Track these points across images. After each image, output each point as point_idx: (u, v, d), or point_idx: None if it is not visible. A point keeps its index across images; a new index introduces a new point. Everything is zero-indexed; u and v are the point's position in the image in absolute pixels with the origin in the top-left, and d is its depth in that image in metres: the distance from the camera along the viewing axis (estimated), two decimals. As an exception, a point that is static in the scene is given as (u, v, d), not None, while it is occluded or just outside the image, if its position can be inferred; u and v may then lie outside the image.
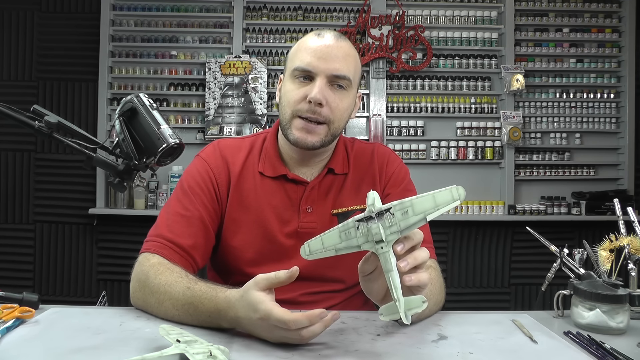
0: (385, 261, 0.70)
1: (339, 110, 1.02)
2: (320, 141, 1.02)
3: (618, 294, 0.87)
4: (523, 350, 0.78)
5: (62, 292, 3.15)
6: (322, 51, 1.00)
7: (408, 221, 0.69)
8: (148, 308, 0.91)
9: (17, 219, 3.16)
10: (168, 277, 0.89)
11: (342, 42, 1.03)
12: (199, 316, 0.83)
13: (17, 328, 0.81)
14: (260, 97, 3.10)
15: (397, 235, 0.70)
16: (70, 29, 3.14)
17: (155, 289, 0.88)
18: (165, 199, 3.03)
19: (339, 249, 0.73)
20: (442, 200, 0.69)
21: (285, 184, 1.08)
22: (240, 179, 1.08)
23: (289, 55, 1.07)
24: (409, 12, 3.24)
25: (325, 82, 1.00)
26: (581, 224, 3.15)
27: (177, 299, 0.85)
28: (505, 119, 3.18)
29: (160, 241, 0.98)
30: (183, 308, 0.84)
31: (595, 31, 3.31)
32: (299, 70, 1.01)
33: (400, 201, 0.70)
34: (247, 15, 3.21)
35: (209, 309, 0.81)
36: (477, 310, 1.03)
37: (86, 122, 3.12)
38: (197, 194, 1.04)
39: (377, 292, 0.79)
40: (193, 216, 1.02)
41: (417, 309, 0.70)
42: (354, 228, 0.71)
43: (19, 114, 0.83)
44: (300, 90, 1.01)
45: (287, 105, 1.03)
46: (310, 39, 1.03)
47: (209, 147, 1.12)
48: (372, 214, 0.70)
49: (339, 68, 1.00)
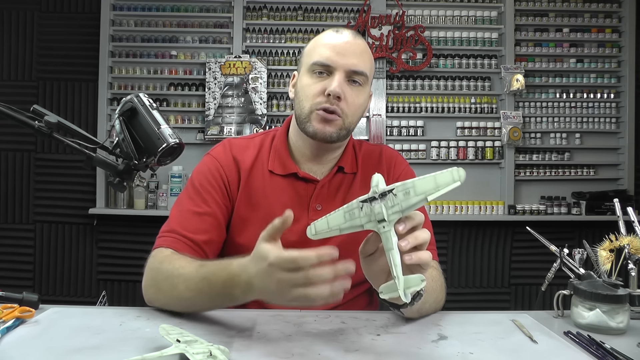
0: (387, 240, 0.71)
1: (354, 106, 1.04)
2: (336, 132, 1.03)
3: (618, 294, 0.87)
4: (523, 350, 0.78)
5: (62, 292, 3.15)
6: (341, 47, 1.02)
7: (410, 201, 0.70)
8: (160, 296, 0.91)
9: (17, 219, 3.16)
10: (182, 262, 0.90)
11: (359, 39, 1.06)
12: (213, 289, 0.82)
13: (17, 328, 0.81)
14: (260, 97, 3.10)
15: (399, 215, 0.71)
16: (70, 29, 3.14)
17: (168, 274, 0.89)
18: (165, 199, 3.03)
19: (343, 228, 0.75)
20: (442, 181, 0.70)
21: (296, 182, 1.09)
22: (250, 177, 1.09)
23: (305, 52, 1.08)
24: (409, 12, 3.24)
25: (344, 77, 1.02)
26: (581, 224, 3.15)
27: (190, 278, 0.85)
28: (505, 119, 3.18)
29: (173, 236, 0.99)
30: (197, 286, 0.84)
31: (595, 31, 3.30)
32: (318, 64, 1.02)
33: (402, 182, 0.71)
34: (247, 15, 3.21)
35: (223, 279, 0.80)
36: (477, 310, 1.03)
37: (86, 122, 3.12)
38: (209, 191, 1.05)
39: (378, 274, 0.79)
40: (206, 213, 1.03)
41: (415, 287, 0.71)
42: (357, 208, 0.73)
43: (19, 114, 0.83)
44: (319, 85, 1.02)
45: (305, 99, 1.04)
46: (329, 35, 1.05)
47: (219, 145, 1.13)
48: (375, 195, 0.72)
49: (357, 63, 1.02)
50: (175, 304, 0.89)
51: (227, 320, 0.88)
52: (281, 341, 0.79)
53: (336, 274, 0.70)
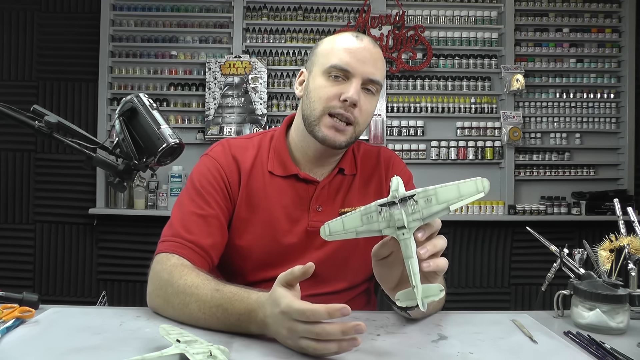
0: (406, 247, 0.70)
1: (367, 113, 1.04)
2: (346, 141, 1.03)
3: (618, 294, 0.87)
4: (523, 350, 0.78)
5: (62, 292, 3.15)
6: (361, 54, 1.01)
7: (431, 209, 0.70)
8: (168, 309, 0.88)
9: (17, 219, 3.16)
10: (194, 279, 0.87)
11: (377, 48, 1.05)
12: (228, 319, 0.80)
13: (17, 328, 0.81)
14: (260, 97, 3.10)
15: (419, 223, 0.70)
16: (70, 29, 3.14)
17: (180, 290, 0.86)
18: (165, 199, 3.03)
19: (359, 232, 0.73)
20: (466, 191, 0.70)
21: (296, 183, 1.08)
22: (250, 178, 1.07)
23: (321, 51, 1.06)
24: (409, 12, 3.24)
25: (360, 84, 1.01)
26: (581, 224, 3.15)
27: (204, 301, 0.82)
28: (505, 119, 3.18)
29: (179, 241, 0.97)
30: (210, 311, 0.81)
31: (595, 31, 3.30)
32: (337, 68, 1.01)
33: (424, 189, 0.70)
34: (247, 15, 3.21)
35: (239, 311, 0.79)
36: (477, 310, 1.03)
37: (86, 122, 3.12)
38: (211, 193, 1.04)
39: (392, 278, 0.79)
40: (209, 215, 1.01)
41: (434, 297, 0.71)
42: (376, 212, 0.72)
43: (19, 114, 0.83)
44: (335, 88, 1.01)
45: (318, 101, 1.02)
46: (349, 39, 1.04)
47: (218, 146, 1.11)
48: (395, 200, 0.71)
49: (374, 72, 1.02)
50: (185, 320, 0.86)
51: (227, 320, 0.88)
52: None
53: (345, 332, 0.69)
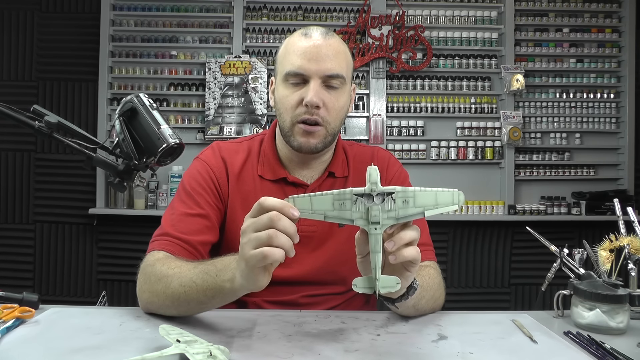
0: (376, 242, 0.70)
1: (335, 110, 1.01)
2: (321, 142, 1.02)
3: (618, 294, 0.87)
4: (523, 350, 0.78)
5: (62, 292, 3.15)
6: (312, 52, 0.98)
7: (407, 211, 0.69)
8: (155, 298, 0.88)
9: (17, 219, 3.16)
10: (177, 262, 0.88)
11: (330, 39, 1.01)
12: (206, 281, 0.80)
13: (17, 328, 0.81)
14: (260, 97, 3.10)
15: (393, 222, 0.70)
16: (70, 29, 3.14)
17: (162, 275, 0.86)
18: (165, 199, 3.03)
19: (329, 216, 0.71)
20: (442, 200, 0.69)
21: (285, 187, 1.08)
22: (240, 181, 1.08)
23: (278, 58, 1.05)
24: (409, 12, 3.24)
25: (320, 83, 0.98)
26: (581, 224, 3.15)
27: (185, 275, 0.83)
28: (505, 119, 3.18)
29: (166, 239, 0.97)
30: (191, 281, 0.82)
31: (595, 31, 3.30)
32: (292, 74, 0.99)
33: (403, 188, 0.70)
34: (247, 15, 3.21)
35: (218, 267, 0.80)
36: (477, 310, 1.03)
37: (86, 122, 3.12)
38: (200, 194, 1.04)
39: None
40: (199, 214, 1.02)
41: (390, 289, 0.71)
42: (350, 200, 0.70)
43: (19, 114, 0.83)
44: (295, 95, 0.99)
45: (285, 112, 1.01)
46: (298, 39, 1.01)
47: (207, 149, 1.12)
48: (372, 193, 0.70)
49: (331, 68, 0.98)
50: (169, 305, 0.86)
51: (227, 320, 0.88)
52: (281, 341, 0.79)
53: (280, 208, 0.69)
